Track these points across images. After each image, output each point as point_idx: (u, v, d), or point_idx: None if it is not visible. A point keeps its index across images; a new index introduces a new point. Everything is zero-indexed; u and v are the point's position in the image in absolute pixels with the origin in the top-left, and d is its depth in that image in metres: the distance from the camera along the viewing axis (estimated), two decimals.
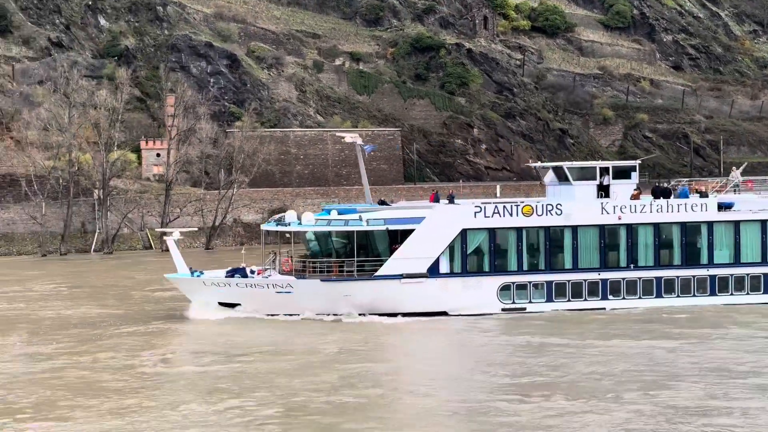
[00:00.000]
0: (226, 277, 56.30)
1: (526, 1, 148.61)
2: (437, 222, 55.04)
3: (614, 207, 55.13)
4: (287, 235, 59.96)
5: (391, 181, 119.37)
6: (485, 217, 54.95)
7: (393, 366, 44.02)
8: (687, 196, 57.32)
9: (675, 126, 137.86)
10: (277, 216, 62.40)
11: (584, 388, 34.81)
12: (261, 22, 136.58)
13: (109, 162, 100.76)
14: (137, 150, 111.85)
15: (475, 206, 55.68)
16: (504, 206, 55.18)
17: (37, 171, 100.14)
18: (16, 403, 35.51)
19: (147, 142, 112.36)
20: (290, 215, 58.72)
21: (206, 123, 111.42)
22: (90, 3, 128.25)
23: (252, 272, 56.21)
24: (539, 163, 64.76)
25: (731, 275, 54.89)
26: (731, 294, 54.71)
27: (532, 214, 54.73)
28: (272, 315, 54.68)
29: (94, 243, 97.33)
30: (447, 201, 58.58)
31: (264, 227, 61.72)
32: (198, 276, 57.07)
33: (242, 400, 34.17)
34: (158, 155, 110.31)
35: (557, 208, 54.93)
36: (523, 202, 57.30)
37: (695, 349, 43.02)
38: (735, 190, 61.02)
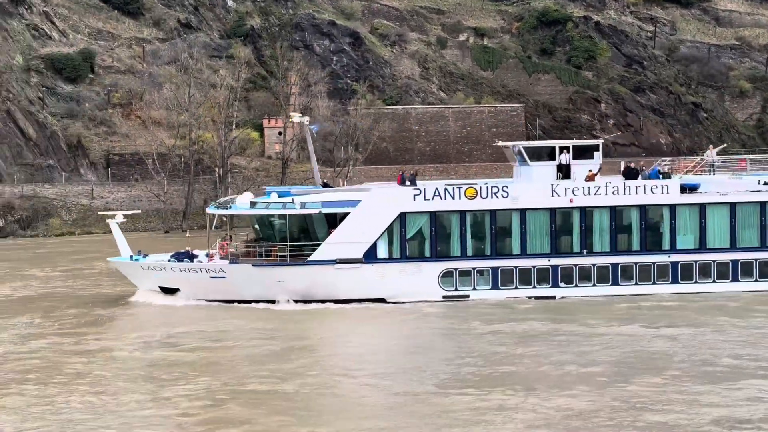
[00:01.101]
0: (168, 261, 55.35)
1: None
2: (374, 205, 53.72)
3: (566, 189, 52.79)
4: (235, 218, 59.47)
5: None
6: (425, 199, 53.32)
7: (320, 355, 42.75)
8: (657, 178, 55.13)
9: None
10: (223, 199, 61.34)
11: (527, 379, 34.46)
12: (384, 0, 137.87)
13: (228, 140, 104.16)
14: (260, 128, 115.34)
15: (415, 188, 53.76)
16: (446, 188, 53.49)
17: (160, 150, 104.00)
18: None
19: (269, 121, 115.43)
20: (242, 198, 57.86)
21: (322, 101, 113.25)
22: None
23: (195, 257, 55.31)
24: (501, 143, 62.46)
25: (695, 262, 52.53)
26: (696, 282, 52.30)
27: (476, 196, 52.92)
28: (209, 301, 53.77)
29: (215, 220, 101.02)
30: (408, 182, 55.95)
31: (208, 210, 60.11)
32: (137, 259, 56.29)
33: (163, 389, 34.18)
34: (280, 133, 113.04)
35: (503, 190, 53.05)
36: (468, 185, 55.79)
37: (645, 336, 42.02)
38: (711, 171, 58.45)
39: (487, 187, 52.78)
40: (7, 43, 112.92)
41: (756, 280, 51.76)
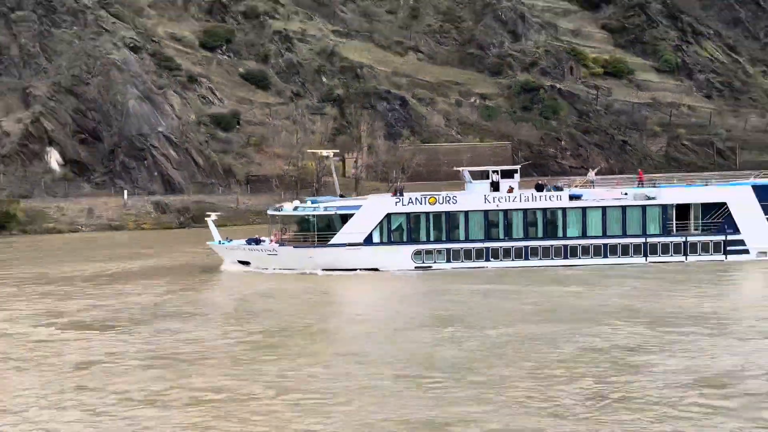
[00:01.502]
0: (245, 245, 55.34)
1: (600, 54, 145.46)
2: (370, 208, 53.37)
3: (494, 198, 52.33)
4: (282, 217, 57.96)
5: None
6: (403, 205, 53.05)
7: (339, 300, 44.81)
8: (577, 190, 54.86)
9: (704, 137, 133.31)
10: (277, 205, 61.34)
11: (473, 320, 34.38)
12: (421, 76, 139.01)
13: (320, 167, 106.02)
14: (343, 158, 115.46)
15: (396, 199, 53.52)
16: (416, 197, 53.22)
17: (278, 172, 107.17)
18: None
19: (348, 153, 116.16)
20: (288, 204, 57.75)
21: (381, 141, 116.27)
22: (316, 68, 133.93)
23: (262, 241, 55.10)
24: (460, 168, 60.75)
25: (579, 245, 51.44)
26: (579, 258, 51.36)
27: (435, 203, 52.76)
28: (265, 269, 53.80)
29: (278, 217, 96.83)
30: (398, 193, 55.48)
31: (268, 212, 59.31)
32: (224, 243, 56.44)
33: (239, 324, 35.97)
34: (355, 161, 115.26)
35: (453, 199, 52.84)
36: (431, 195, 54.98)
37: (548, 291, 41.71)
38: (592, 186, 56.91)
39: (443, 197, 52.89)
40: (186, 107, 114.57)
41: (619, 256, 50.87)
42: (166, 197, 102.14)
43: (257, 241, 54.72)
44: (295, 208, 55.45)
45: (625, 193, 51.64)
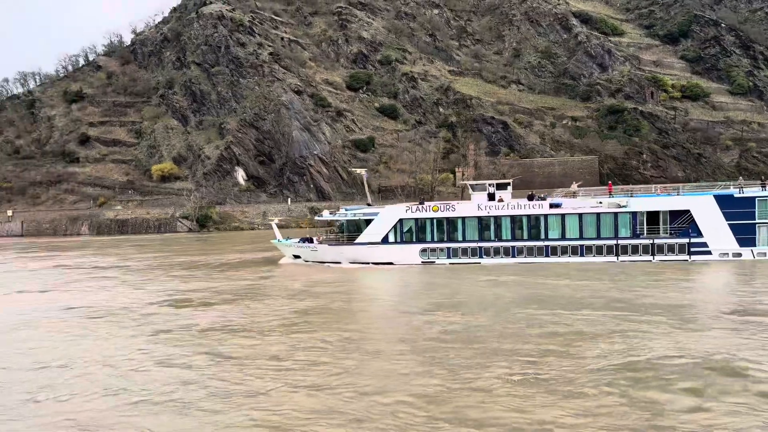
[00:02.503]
0: (298, 243, 57.83)
1: (678, 81, 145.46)
2: (386, 215, 54.12)
3: (486, 206, 52.22)
4: (326, 221, 60.15)
5: (590, 185, 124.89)
6: (412, 212, 53.53)
7: (363, 285, 45.33)
8: (558, 200, 53.59)
9: None
10: (321, 212, 63.80)
11: (474, 306, 33.62)
12: (521, 104, 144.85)
13: (435, 179, 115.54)
14: (453, 172, 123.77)
15: (406, 207, 54.45)
16: (423, 206, 53.72)
17: (401, 184, 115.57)
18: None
19: (458, 168, 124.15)
20: (326, 212, 60.66)
21: (486, 157, 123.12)
22: (435, 101, 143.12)
23: (311, 240, 57.24)
24: (465, 182, 60.05)
25: (559, 246, 50.64)
26: (559, 256, 50.47)
27: (438, 210, 53.00)
28: (310, 261, 56.16)
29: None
30: (419, 203, 55.56)
31: (315, 219, 62.81)
32: (283, 242, 59.38)
33: (291, 302, 36.38)
34: (463, 174, 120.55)
35: (452, 207, 53.10)
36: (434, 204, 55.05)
37: (533, 282, 40.67)
38: (574, 196, 55.46)
39: (444, 205, 53.52)
40: (335, 135, 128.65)
41: (594, 256, 49.95)
42: (319, 203, 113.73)
43: (308, 240, 57.48)
44: (332, 214, 58.86)
45: (600, 202, 50.63)
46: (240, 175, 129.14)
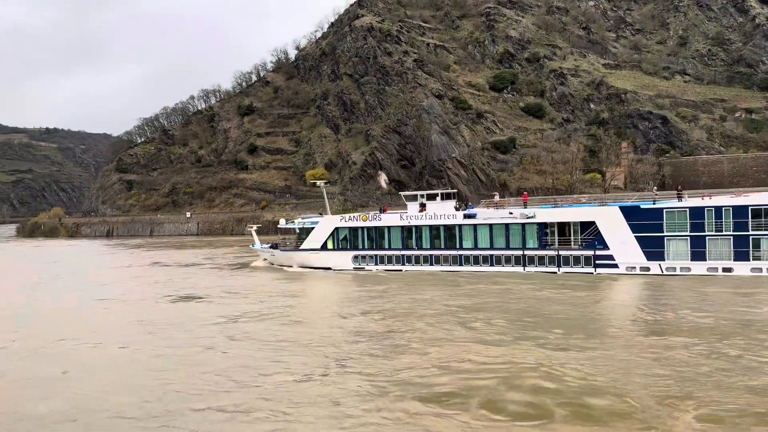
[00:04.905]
0: (266, 248, 63.47)
1: None
2: (324, 224, 58.22)
3: (407, 216, 54.66)
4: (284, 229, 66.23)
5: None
6: (346, 221, 57.29)
7: (307, 285, 50.36)
8: (472, 210, 54.65)
9: None
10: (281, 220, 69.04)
11: (397, 310, 35.89)
12: (685, 96, 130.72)
13: (576, 179, 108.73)
14: (601, 172, 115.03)
15: (341, 217, 58.40)
16: (355, 216, 57.48)
17: (536, 185, 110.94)
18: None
19: (606, 168, 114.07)
20: (282, 221, 66.30)
21: (646, 155, 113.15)
22: (585, 97, 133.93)
23: (277, 246, 62.84)
24: (402, 193, 62.24)
25: (471, 255, 51.74)
26: (472, 265, 51.63)
27: (367, 220, 56.17)
28: (272, 264, 62.22)
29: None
30: (379, 210, 60.31)
31: (278, 226, 67.55)
32: (257, 247, 65.48)
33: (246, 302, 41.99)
34: (612, 175, 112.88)
35: (378, 217, 56.04)
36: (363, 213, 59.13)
37: (448, 288, 42.78)
38: (495, 206, 56.38)
39: (371, 215, 57.13)
40: (474, 137, 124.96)
41: (503, 266, 50.60)
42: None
43: (276, 246, 63.41)
44: (287, 223, 64.96)
45: (511, 213, 51.09)
46: (382, 179, 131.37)
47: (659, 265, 45.51)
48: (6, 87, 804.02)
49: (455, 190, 61.34)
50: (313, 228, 59.41)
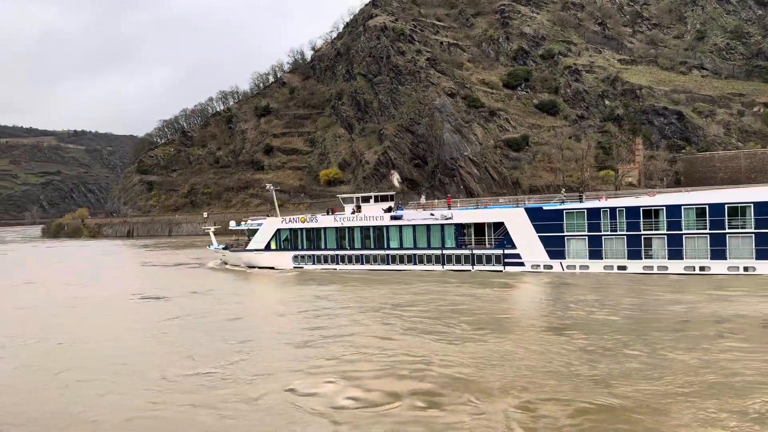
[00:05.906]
0: (221, 248, 65.56)
1: None
2: (267, 226, 59.95)
3: (341, 218, 56.30)
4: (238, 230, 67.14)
5: None
6: (287, 223, 58.92)
7: (254, 282, 52.80)
8: (400, 212, 55.91)
9: None
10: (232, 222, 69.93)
11: (332, 308, 37.42)
12: (702, 91, 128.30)
13: (588, 176, 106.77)
14: (615, 169, 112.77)
15: (282, 219, 59.64)
16: (296, 218, 59.35)
17: (552, 183, 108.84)
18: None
19: (621, 165, 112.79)
20: (233, 222, 67.66)
21: (660, 152, 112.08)
22: (600, 93, 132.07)
23: (229, 246, 64.89)
24: (339, 195, 64.54)
25: (397, 255, 53.31)
26: (398, 264, 53.16)
27: (305, 222, 58.05)
28: (229, 264, 63.85)
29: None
30: (327, 212, 60.93)
31: (230, 227, 67.86)
32: (213, 247, 67.67)
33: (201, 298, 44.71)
34: (624, 171, 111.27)
35: (315, 219, 57.78)
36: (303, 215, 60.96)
37: (377, 288, 44.14)
38: (422, 208, 58.34)
39: (309, 217, 59.01)
40: (487, 135, 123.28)
41: (425, 264, 52.00)
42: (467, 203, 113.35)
43: (227, 247, 65.45)
44: (237, 225, 66.51)
45: (432, 214, 52.46)
46: (395, 178, 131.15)
47: (560, 263, 47.31)
48: (36, 90, 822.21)
49: (391, 193, 63.71)
50: (255, 229, 61.62)
